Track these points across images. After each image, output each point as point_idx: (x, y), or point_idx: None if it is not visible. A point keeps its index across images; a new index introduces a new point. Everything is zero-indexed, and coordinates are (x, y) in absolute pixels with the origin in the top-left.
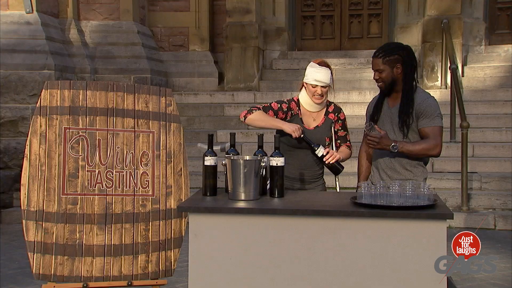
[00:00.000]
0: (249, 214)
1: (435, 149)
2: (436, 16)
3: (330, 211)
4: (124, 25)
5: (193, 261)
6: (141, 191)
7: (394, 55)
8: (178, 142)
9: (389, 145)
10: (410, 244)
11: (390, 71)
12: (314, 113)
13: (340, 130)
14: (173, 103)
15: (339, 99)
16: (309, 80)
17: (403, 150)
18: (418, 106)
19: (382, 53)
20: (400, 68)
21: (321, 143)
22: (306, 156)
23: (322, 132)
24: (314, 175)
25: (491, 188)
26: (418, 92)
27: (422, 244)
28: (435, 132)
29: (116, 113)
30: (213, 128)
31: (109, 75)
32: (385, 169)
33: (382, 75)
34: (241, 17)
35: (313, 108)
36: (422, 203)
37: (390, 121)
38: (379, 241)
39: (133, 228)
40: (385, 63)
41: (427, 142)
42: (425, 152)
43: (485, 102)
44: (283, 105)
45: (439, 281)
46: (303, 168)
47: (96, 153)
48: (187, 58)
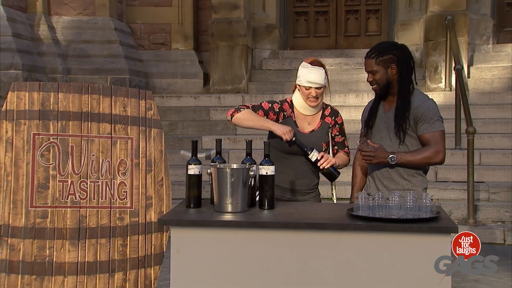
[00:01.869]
0: (236, 227)
1: (438, 156)
2: (439, 12)
3: (325, 224)
4: (99, 21)
5: (175, 279)
6: (119, 203)
7: (388, 55)
8: (159, 149)
9: (386, 157)
10: (411, 260)
11: (384, 72)
12: (309, 117)
13: (338, 136)
14: (153, 106)
15: (334, 102)
16: (302, 82)
17: (402, 161)
18: (416, 110)
19: (374, 53)
20: (395, 68)
21: (317, 148)
22: (301, 164)
23: (319, 137)
24: (309, 185)
25: (500, 199)
26: (416, 94)
27: (424, 260)
28: (437, 137)
29: (91, 118)
30: (198, 133)
31: (83, 76)
32: (382, 179)
33: (375, 76)
34: (228, 13)
35: (308, 111)
36: (424, 215)
37: (386, 127)
38: (377, 257)
39: (109, 244)
40: (378, 63)
41: (428, 149)
42: (427, 161)
43: (493, 106)
44: (275, 105)
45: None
46: (298, 178)
47: (68, 162)
48: (169, 58)
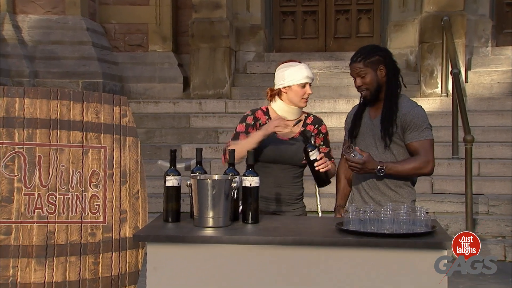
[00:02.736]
0: (218, 243)
1: (427, 166)
2: (435, 12)
3: (313, 240)
4: (70, 21)
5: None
6: (90, 217)
7: (374, 56)
8: (135, 159)
9: (375, 168)
10: (405, 277)
11: (374, 74)
12: (291, 122)
13: (322, 146)
14: (129, 113)
15: (324, 108)
16: (297, 80)
17: (391, 172)
18: (404, 117)
19: (360, 56)
20: (384, 70)
21: (297, 157)
22: (282, 172)
23: (300, 145)
24: (293, 195)
25: (500, 213)
26: (403, 100)
27: (419, 277)
28: (426, 146)
29: (60, 126)
30: (177, 142)
31: (53, 80)
32: (368, 190)
33: (365, 79)
34: (209, 12)
35: (293, 114)
36: (419, 230)
37: (372, 135)
38: (369, 274)
39: (80, 262)
40: (367, 65)
41: (417, 159)
42: (416, 172)
43: (492, 113)
44: (248, 119)
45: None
46: (280, 187)
47: (35, 173)
48: (146, 60)
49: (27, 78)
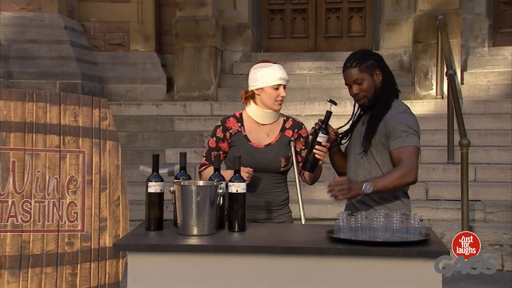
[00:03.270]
0: (203, 252)
1: (411, 174)
2: (430, 11)
3: (302, 248)
4: (47, 18)
5: None
6: (68, 226)
7: (369, 60)
8: (115, 164)
9: (360, 187)
10: (398, 287)
11: (371, 79)
12: (267, 127)
13: (304, 150)
14: (109, 116)
15: (314, 110)
16: (270, 82)
17: (378, 187)
18: (387, 123)
19: (355, 61)
20: (380, 74)
21: (274, 164)
22: (261, 180)
23: (276, 152)
24: (275, 202)
25: (498, 220)
26: (393, 105)
27: (413, 287)
28: (409, 153)
29: (36, 129)
30: (160, 146)
31: (28, 81)
32: (354, 201)
33: (363, 86)
34: (194, 10)
35: (268, 119)
36: (413, 238)
37: (360, 143)
38: (361, 284)
39: (56, 273)
40: (362, 70)
41: (400, 168)
42: (402, 181)
43: (489, 115)
44: (217, 132)
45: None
46: (260, 195)
47: (9, 179)
48: (128, 60)
49: (1, 79)
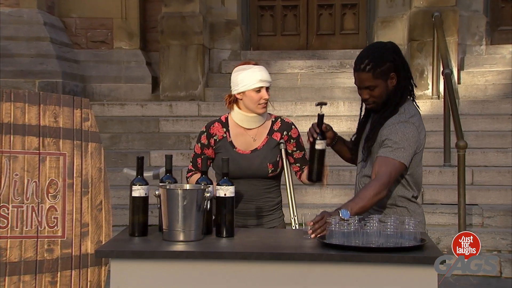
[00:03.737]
0: (189, 259)
1: (384, 191)
2: (425, 8)
3: (293, 254)
4: (25, 14)
5: None
6: (47, 232)
7: (386, 63)
8: (98, 167)
9: (337, 215)
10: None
11: (384, 86)
12: (253, 131)
13: (296, 151)
14: (91, 116)
15: (306, 111)
16: (250, 85)
17: (357, 209)
18: (383, 130)
19: (369, 64)
20: (395, 77)
21: (262, 170)
22: (250, 187)
23: (263, 157)
24: (267, 206)
25: (495, 225)
26: (400, 110)
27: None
28: (391, 168)
29: (13, 130)
30: (145, 148)
31: (5, 79)
32: None
33: (374, 93)
34: (181, 6)
35: (253, 123)
36: (407, 243)
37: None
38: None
39: (35, 281)
40: (377, 77)
41: (374, 184)
42: (377, 198)
43: (487, 116)
44: (202, 138)
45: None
46: (249, 202)
47: None
48: (111, 58)
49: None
